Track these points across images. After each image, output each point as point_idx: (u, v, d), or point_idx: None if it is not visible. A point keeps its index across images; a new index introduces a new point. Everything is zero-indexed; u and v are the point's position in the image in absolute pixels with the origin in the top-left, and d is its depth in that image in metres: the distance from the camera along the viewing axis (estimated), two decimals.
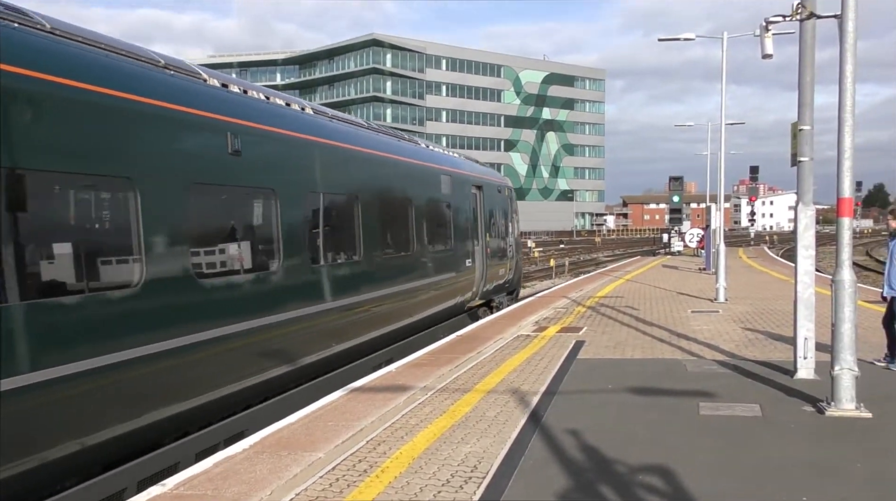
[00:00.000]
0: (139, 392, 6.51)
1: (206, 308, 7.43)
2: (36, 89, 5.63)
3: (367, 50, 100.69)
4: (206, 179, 7.60)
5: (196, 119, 7.55)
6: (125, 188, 6.50)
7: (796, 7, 8.54)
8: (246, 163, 8.20)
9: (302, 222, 9.44)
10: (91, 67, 6.36)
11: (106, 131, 6.29)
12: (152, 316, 6.63)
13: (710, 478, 5.68)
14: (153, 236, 6.70)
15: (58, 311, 5.68)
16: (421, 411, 7.82)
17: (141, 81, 6.94)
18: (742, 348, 11.25)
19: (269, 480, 5.78)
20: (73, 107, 5.98)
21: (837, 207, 7.44)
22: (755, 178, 47.86)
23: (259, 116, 8.78)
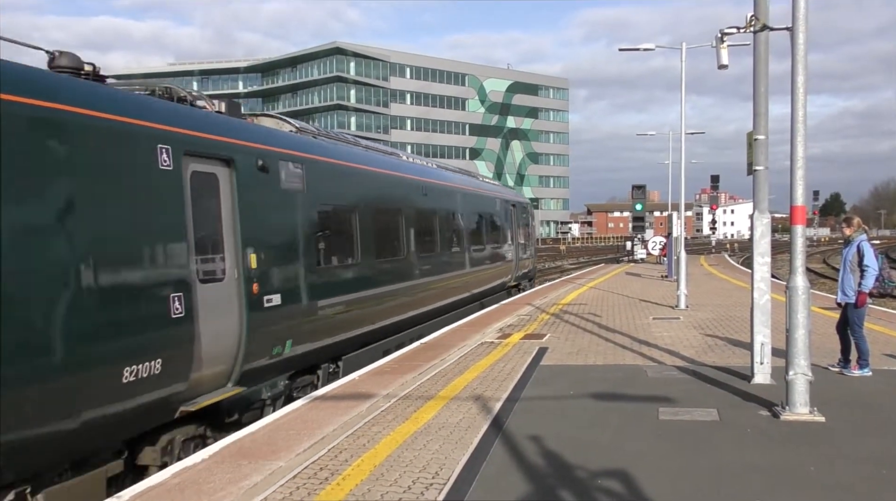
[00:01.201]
0: (355, 318, 11.51)
1: (383, 276, 12.84)
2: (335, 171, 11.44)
3: (331, 58, 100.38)
4: (385, 207, 13.38)
5: (398, 177, 14.54)
6: (351, 212, 11.80)
7: (750, 19, 8.73)
8: (429, 201, 15.78)
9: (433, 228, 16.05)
10: (345, 154, 12.15)
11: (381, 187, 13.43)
12: (362, 279, 11.83)
13: (668, 482, 5.76)
14: (366, 237, 12.16)
15: (336, 271, 11.09)
16: (383, 418, 7.81)
17: (362, 158, 12.85)
18: (701, 354, 11.41)
19: (229, 490, 5.73)
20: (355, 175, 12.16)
21: (791, 215, 7.61)
22: (716, 187, 48.73)
23: (426, 172, 16.78)
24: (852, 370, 9.71)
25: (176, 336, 7.23)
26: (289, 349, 9.42)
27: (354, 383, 9.76)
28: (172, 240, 7.30)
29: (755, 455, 6.45)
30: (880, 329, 13.38)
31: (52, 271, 5.93)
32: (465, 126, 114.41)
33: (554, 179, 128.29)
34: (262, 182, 8.96)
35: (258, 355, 8.69)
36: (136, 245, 6.85)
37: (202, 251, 7.81)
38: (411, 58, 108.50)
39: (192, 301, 7.46)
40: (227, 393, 8.13)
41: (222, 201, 8.29)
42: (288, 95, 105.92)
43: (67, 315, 5.97)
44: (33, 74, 6.20)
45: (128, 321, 6.64)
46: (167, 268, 7.19)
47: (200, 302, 7.61)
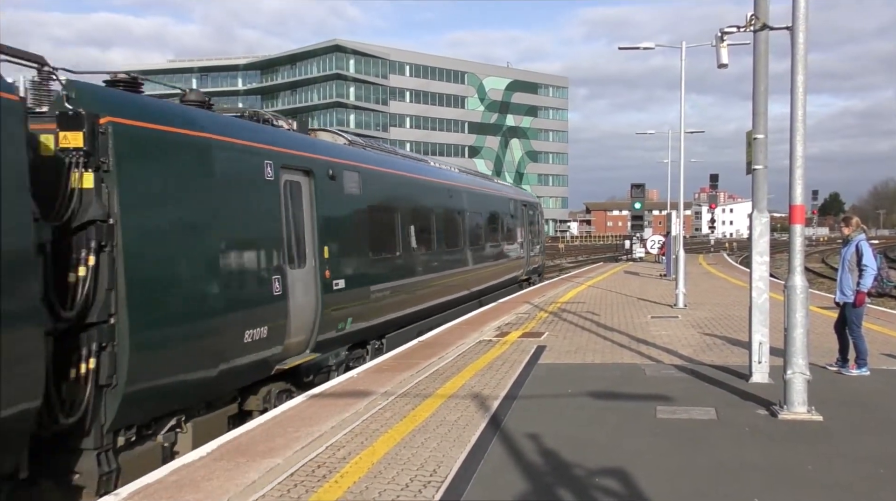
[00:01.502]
0: (397, 302, 13.41)
1: (419, 267, 15.01)
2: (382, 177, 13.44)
3: (330, 55, 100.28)
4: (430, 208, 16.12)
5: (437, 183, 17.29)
6: (394, 212, 13.84)
7: (750, 18, 8.72)
8: (454, 202, 17.97)
9: (458, 226, 18.24)
10: (388, 162, 14.28)
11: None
12: (403, 269, 13.96)
13: (666, 481, 5.76)
14: (406, 233, 14.22)
15: (384, 261, 13.02)
16: (381, 416, 7.81)
17: (401, 165, 15.08)
18: (700, 353, 11.42)
19: (226, 487, 5.73)
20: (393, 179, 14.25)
21: (790, 214, 7.62)
22: (715, 186, 48.72)
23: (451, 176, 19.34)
24: (850, 369, 9.72)
25: (276, 309, 9.20)
26: (349, 325, 11.39)
27: (353, 380, 9.76)
28: (275, 234, 9.34)
29: (753, 453, 6.46)
30: (878, 329, 13.39)
31: (207, 259, 7.99)
32: (465, 124, 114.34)
33: (553, 177, 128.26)
34: (331, 188, 11.03)
35: (328, 328, 10.64)
36: (255, 238, 8.87)
37: (290, 243, 9.71)
38: (411, 56, 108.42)
39: (286, 283, 9.42)
40: (307, 358, 10.10)
41: (304, 203, 10.27)
42: (287, 93, 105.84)
43: (217, 292, 8.05)
44: (197, 114, 8.45)
45: (250, 296, 8.69)
46: (272, 256, 9.18)
47: (291, 284, 9.53)
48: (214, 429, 8.19)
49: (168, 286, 7.49)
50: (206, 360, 7.92)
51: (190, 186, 7.90)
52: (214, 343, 8.02)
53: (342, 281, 11.01)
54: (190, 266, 7.77)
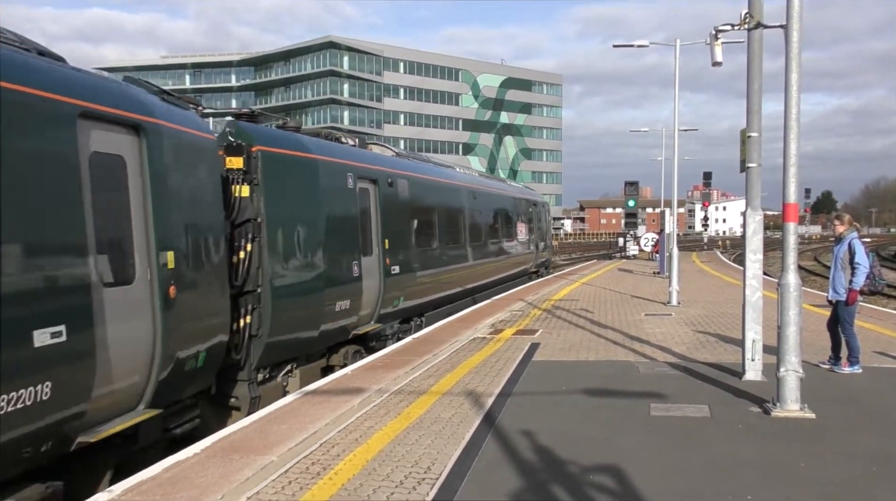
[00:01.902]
0: (434, 286, 15.96)
1: (451, 258, 17.66)
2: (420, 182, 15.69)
3: (324, 52, 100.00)
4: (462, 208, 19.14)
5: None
6: (432, 212, 16.50)
7: (744, 17, 8.73)
8: (477, 202, 20.48)
9: (480, 223, 20.90)
10: (426, 169, 16.84)
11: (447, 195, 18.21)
12: (439, 259, 16.45)
13: (659, 478, 5.78)
14: (441, 230, 16.89)
15: (425, 253, 15.50)
16: (376, 413, 7.81)
17: (434, 172, 17.58)
18: (693, 350, 11.45)
19: (220, 484, 5.72)
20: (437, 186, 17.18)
21: (783, 212, 7.64)
22: (708, 183, 48.69)
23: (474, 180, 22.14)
24: (843, 367, 9.75)
25: (355, 288, 11.84)
26: (401, 303, 14.12)
27: (347, 377, 9.76)
28: (355, 229, 12.02)
29: (746, 451, 6.48)
30: (871, 327, 13.45)
31: (316, 248, 10.66)
32: (459, 121, 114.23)
33: (547, 174, 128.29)
34: (389, 193, 13.73)
35: (387, 304, 13.35)
36: (343, 232, 11.60)
37: (363, 236, 12.37)
38: (405, 52, 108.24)
39: (361, 268, 12.01)
40: (373, 327, 12.79)
41: (371, 206, 12.95)
42: (281, 89, 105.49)
43: (322, 272, 10.73)
44: (306, 140, 11.17)
45: (341, 276, 11.35)
46: (354, 247, 11.86)
47: (364, 269, 12.13)
48: (312, 377, 10.70)
49: (292, 267, 10.19)
50: (313, 322, 10.59)
51: (304, 193, 10.66)
52: (318, 310, 10.68)
53: (397, 267, 13.83)
54: (306, 253, 10.53)
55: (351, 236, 11.88)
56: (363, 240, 12.34)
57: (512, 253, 25.03)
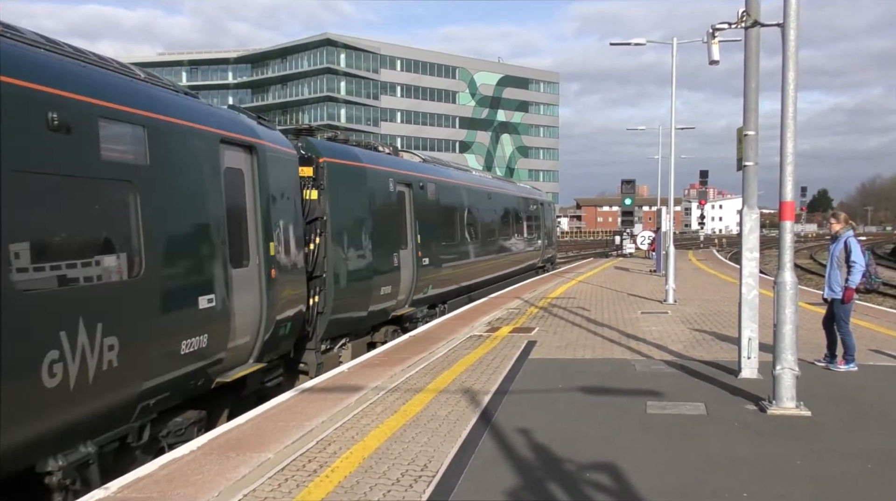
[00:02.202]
0: (455, 277, 18.16)
1: (470, 252, 19.73)
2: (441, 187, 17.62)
3: (321, 49, 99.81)
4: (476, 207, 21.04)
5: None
6: (455, 211, 18.76)
7: (741, 15, 8.74)
8: (492, 203, 22.95)
9: (495, 221, 23.28)
10: (448, 174, 19.34)
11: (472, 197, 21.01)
12: (461, 252, 18.75)
13: (656, 475, 5.79)
14: (462, 227, 19.27)
15: (449, 247, 17.87)
16: (372, 411, 7.81)
17: (455, 175, 20.16)
18: (689, 348, 11.47)
19: (217, 481, 5.72)
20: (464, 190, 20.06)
21: (780, 210, 7.64)
22: (705, 182, 48.78)
23: (488, 182, 24.70)
24: (838, 365, 9.78)
25: (395, 276, 14.01)
26: (430, 290, 16.36)
27: (343, 375, 9.76)
28: (396, 226, 14.28)
29: (742, 448, 6.50)
30: (866, 325, 13.48)
31: (366, 241, 12.78)
32: (456, 119, 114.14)
33: (543, 173, 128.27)
34: (420, 195, 16.00)
35: (419, 291, 15.56)
36: (387, 228, 13.71)
37: (401, 232, 14.65)
38: (402, 50, 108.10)
39: (399, 259, 14.22)
40: (407, 310, 15.00)
41: (406, 206, 15.18)
42: (278, 87, 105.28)
43: (370, 262, 12.89)
44: (358, 151, 13.40)
45: (384, 266, 13.45)
46: (394, 241, 14.08)
47: (401, 260, 14.32)
48: (360, 350, 12.82)
49: (350, 257, 12.30)
50: (363, 304, 12.71)
51: (358, 196, 12.81)
52: (367, 294, 12.81)
53: (427, 260, 15.97)
54: (359, 245, 12.65)
55: (392, 231, 14.14)
56: (401, 235, 14.69)
57: (522, 248, 27.59)
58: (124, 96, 6.85)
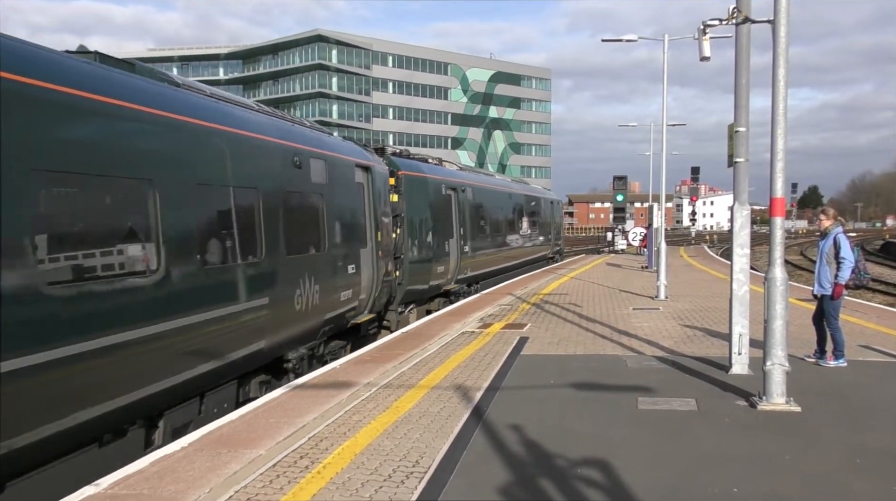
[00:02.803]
0: (486, 262, 24.00)
1: (496, 243, 25.54)
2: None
3: (313, 45, 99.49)
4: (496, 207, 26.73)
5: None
6: (485, 209, 24.36)
7: (732, 11, 8.76)
8: (513, 202, 29.09)
9: (515, 218, 28.95)
10: (480, 179, 25.54)
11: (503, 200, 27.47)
12: (490, 243, 24.50)
13: (647, 471, 5.81)
14: (490, 222, 25.00)
15: (483, 238, 23.64)
16: (364, 407, 7.81)
17: (485, 180, 26.34)
18: (680, 344, 11.51)
19: (208, 478, 5.71)
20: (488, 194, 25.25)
21: (770, 206, 7.67)
22: (696, 178, 48.95)
23: (509, 185, 30.85)
24: (828, 360, 9.82)
25: (447, 259, 18.74)
26: (468, 272, 21.25)
27: (335, 371, 9.75)
28: (446, 221, 18.86)
29: (733, 444, 6.53)
30: (856, 321, 13.55)
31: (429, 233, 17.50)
32: (448, 116, 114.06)
33: (536, 169, 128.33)
34: (462, 197, 20.65)
35: (461, 272, 20.37)
36: (442, 223, 18.33)
37: (449, 226, 19.02)
38: (394, 46, 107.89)
39: (449, 246, 18.79)
40: (453, 286, 19.98)
41: (453, 206, 19.74)
42: (269, 83, 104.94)
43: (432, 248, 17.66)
44: (422, 163, 18.44)
45: (440, 252, 18.21)
46: (447, 233, 18.70)
47: (450, 247, 18.89)
48: (421, 314, 17.33)
49: (418, 244, 16.86)
50: (426, 279, 17.42)
51: (423, 198, 17.36)
52: (429, 272, 17.54)
53: (467, 248, 20.90)
54: (424, 235, 17.22)
55: (445, 225, 19.02)
56: (450, 228, 19.53)
57: (536, 241, 33.22)
58: (320, 144, 11.62)
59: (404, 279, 16.04)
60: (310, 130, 11.73)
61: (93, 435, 6.37)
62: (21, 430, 5.38)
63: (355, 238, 12.55)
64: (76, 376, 5.88)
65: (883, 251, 56.10)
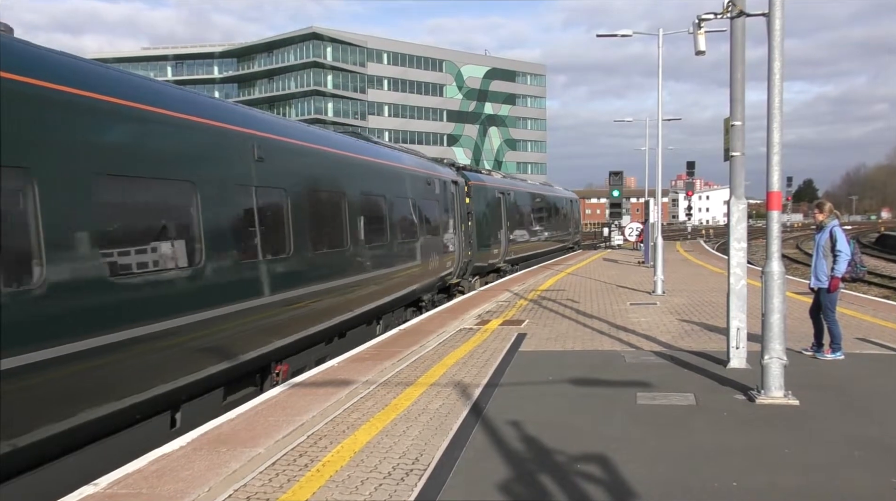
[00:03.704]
0: (523, 250, 31.29)
1: (530, 234, 33.08)
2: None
3: (307, 43, 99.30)
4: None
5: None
6: (521, 207, 31.66)
7: (727, 5, 8.76)
8: (542, 202, 36.97)
9: (543, 215, 36.23)
10: (515, 184, 32.60)
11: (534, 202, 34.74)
12: (526, 234, 32.02)
13: (646, 465, 5.82)
14: (524, 218, 32.13)
15: (520, 230, 30.93)
16: (363, 405, 7.81)
17: (520, 184, 33.77)
18: (678, 339, 11.52)
19: (207, 477, 5.70)
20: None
21: (767, 200, 7.67)
22: (692, 173, 48.91)
23: (537, 188, 38.62)
24: (825, 354, 9.85)
25: (498, 245, 25.89)
26: (511, 255, 27.88)
27: (333, 369, 9.75)
28: (498, 217, 25.99)
29: (732, 438, 6.54)
30: (852, 313, 13.58)
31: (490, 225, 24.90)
32: (443, 112, 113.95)
33: (531, 165, 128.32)
34: (509, 200, 27.67)
35: (507, 255, 27.34)
36: (495, 219, 25.63)
37: (499, 220, 26.04)
38: (389, 43, 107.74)
39: (501, 236, 26.28)
40: (503, 264, 27.06)
41: (502, 207, 26.35)
42: (264, 81, 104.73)
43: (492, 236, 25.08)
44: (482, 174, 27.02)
45: (496, 239, 25.71)
46: (497, 225, 25.85)
47: (500, 236, 26.17)
48: (483, 283, 23.66)
49: (481, 233, 23.19)
50: (486, 258, 23.98)
51: (484, 201, 23.93)
52: (488, 253, 24.20)
53: (512, 236, 27.55)
54: (485, 227, 23.77)
55: (497, 220, 25.77)
56: (499, 222, 26.03)
57: (560, 233, 40.43)
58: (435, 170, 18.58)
59: (472, 258, 22.28)
60: (433, 162, 19.97)
61: (259, 367, 9.30)
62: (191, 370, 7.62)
63: (451, 229, 19.47)
64: (230, 327, 8.30)
65: (878, 244, 56.24)
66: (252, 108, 10.31)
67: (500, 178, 29.19)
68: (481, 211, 23.36)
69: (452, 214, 19.58)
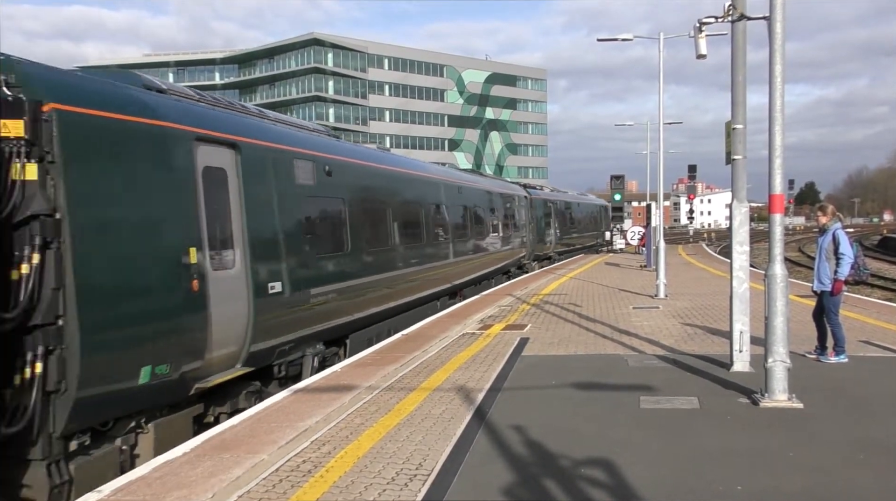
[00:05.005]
0: (568, 244, 42.17)
1: (559, 235, 39.70)
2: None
3: (308, 49, 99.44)
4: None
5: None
6: (551, 214, 37.72)
7: (727, 9, 8.76)
8: (577, 210, 46.26)
9: (575, 220, 45.14)
10: (548, 193, 39.49)
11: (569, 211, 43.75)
12: (557, 236, 38.57)
13: (650, 469, 5.80)
14: (556, 223, 38.94)
15: (549, 232, 37.30)
16: (366, 410, 7.80)
17: (549, 194, 39.65)
18: (681, 342, 11.50)
19: (211, 483, 5.70)
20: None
21: (769, 203, 7.66)
22: (693, 176, 48.90)
23: (568, 195, 47.17)
24: (829, 357, 9.83)
25: (550, 240, 35.74)
26: (558, 249, 37.91)
27: (336, 375, 9.74)
28: (549, 223, 35.41)
29: (735, 441, 6.52)
30: (856, 316, 13.56)
31: (542, 229, 34.55)
32: (444, 117, 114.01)
33: (533, 169, 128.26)
34: (557, 208, 37.16)
35: (556, 248, 37.23)
36: (547, 223, 34.91)
37: (549, 225, 35.24)
38: (389, 49, 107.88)
39: (551, 234, 35.72)
40: (551, 254, 36.22)
41: (552, 214, 35.44)
42: (266, 87, 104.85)
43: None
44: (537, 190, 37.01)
45: (546, 236, 34.78)
46: (549, 226, 35.36)
47: (551, 234, 35.87)
48: (538, 266, 32.67)
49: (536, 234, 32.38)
50: (542, 250, 33.85)
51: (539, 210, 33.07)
52: (543, 246, 34.00)
53: (558, 234, 37.19)
54: (538, 230, 32.70)
55: (549, 223, 34.35)
56: (550, 224, 34.40)
57: (592, 233, 47.83)
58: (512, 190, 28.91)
59: (534, 248, 31.01)
60: (512, 183, 29.90)
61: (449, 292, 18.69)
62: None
63: (522, 229, 28.62)
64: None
65: (881, 246, 56.19)
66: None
67: (549, 191, 38.86)
68: (539, 216, 32.53)
69: (522, 219, 29.07)
